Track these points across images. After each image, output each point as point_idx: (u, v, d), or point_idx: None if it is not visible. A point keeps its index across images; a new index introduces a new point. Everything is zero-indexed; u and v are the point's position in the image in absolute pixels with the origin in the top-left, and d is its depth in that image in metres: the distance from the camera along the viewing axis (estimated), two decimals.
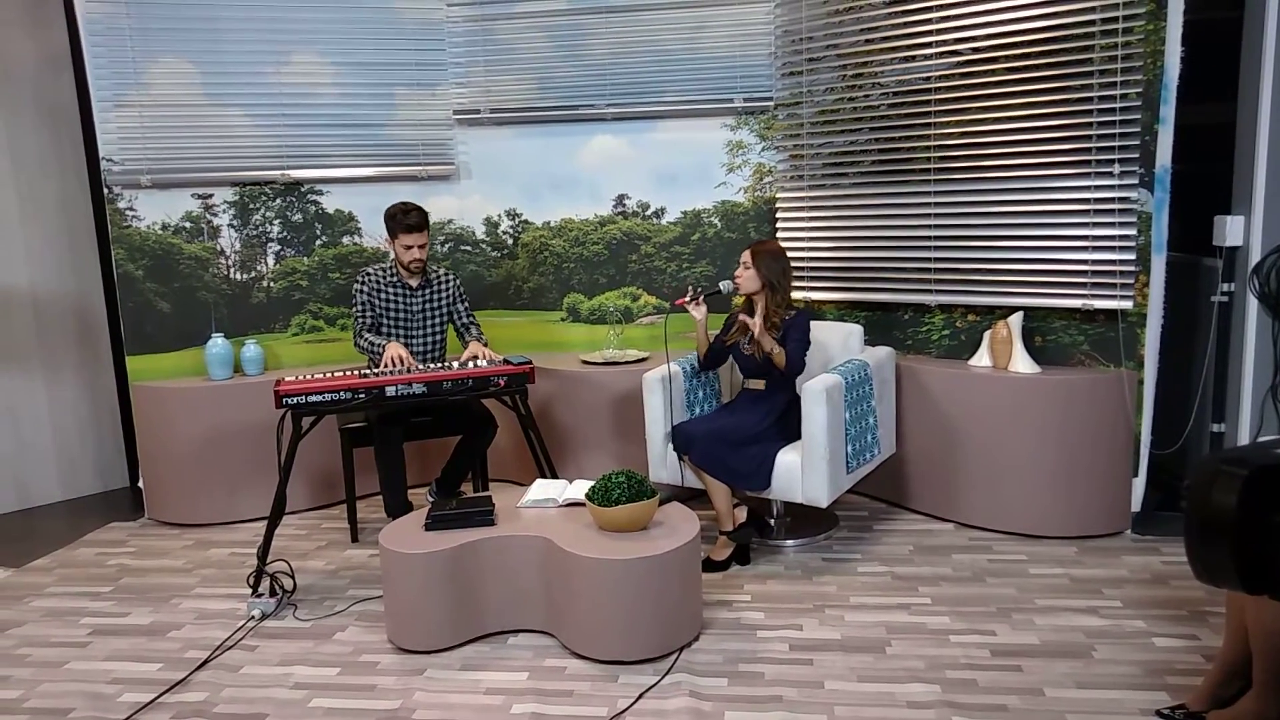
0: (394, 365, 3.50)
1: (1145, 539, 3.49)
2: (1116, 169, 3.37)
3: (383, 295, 3.79)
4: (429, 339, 3.88)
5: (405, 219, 3.70)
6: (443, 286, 3.89)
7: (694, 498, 3.64)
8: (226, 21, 4.13)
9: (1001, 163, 3.61)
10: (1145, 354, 3.48)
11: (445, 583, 2.81)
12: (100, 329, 4.63)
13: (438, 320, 3.89)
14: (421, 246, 3.73)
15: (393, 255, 3.79)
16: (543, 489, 3.20)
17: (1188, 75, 3.29)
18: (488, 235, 4.64)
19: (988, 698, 2.48)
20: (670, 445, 3.49)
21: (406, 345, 3.72)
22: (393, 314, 3.81)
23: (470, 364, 3.52)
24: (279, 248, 4.40)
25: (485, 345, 3.77)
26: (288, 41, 4.21)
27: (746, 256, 3.46)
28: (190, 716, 2.55)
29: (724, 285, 3.57)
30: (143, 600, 3.35)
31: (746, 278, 3.46)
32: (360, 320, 3.78)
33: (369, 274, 3.80)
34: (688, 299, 3.48)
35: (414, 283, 3.82)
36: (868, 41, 3.89)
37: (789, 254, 3.53)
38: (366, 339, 3.72)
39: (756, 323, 3.32)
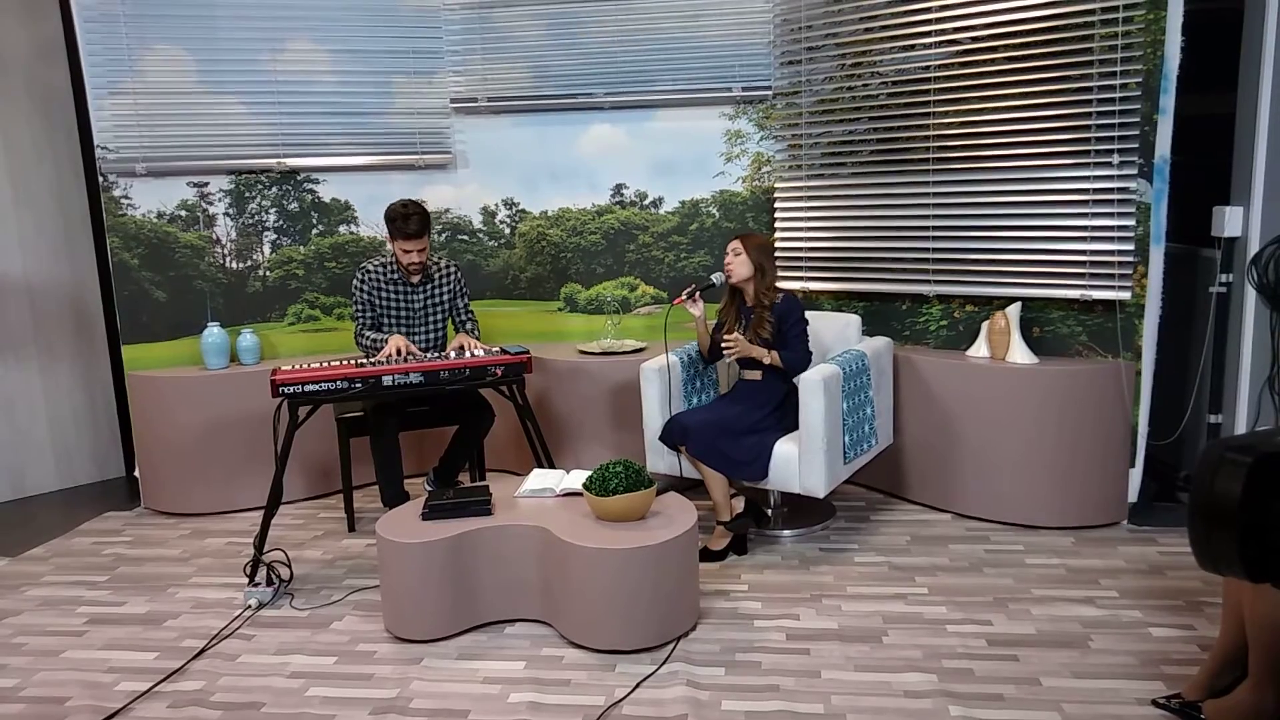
0: (397, 358, 3.47)
1: (1142, 529, 3.50)
2: (1115, 159, 3.37)
3: (383, 293, 3.74)
4: (431, 333, 3.85)
5: (405, 225, 3.58)
6: (444, 280, 3.84)
7: (691, 488, 3.63)
8: (221, 8, 4.10)
9: (1000, 153, 3.60)
10: (1143, 345, 3.48)
11: (442, 572, 2.81)
12: (95, 318, 4.62)
13: (439, 315, 3.86)
14: (420, 251, 3.65)
15: (392, 250, 3.73)
16: (540, 479, 3.20)
17: (1188, 65, 3.28)
18: (485, 225, 4.63)
19: (984, 687, 2.49)
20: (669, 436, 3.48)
21: (409, 340, 3.68)
22: (394, 311, 3.77)
23: (454, 354, 3.51)
24: (275, 236, 4.38)
25: (475, 339, 3.75)
26: (283, 29, 4.18)
27: (736, 244, 3.46)
28: (187, 705, 2.55)
29: (716, 277, 3.59)
30: (139, 589, 3.34)
31: (738, 263, 3.45)
32: (361, 319, 3.75)
33: (368, 271, 3.74)
34: (684, 297, 3.49)
35: (415, 279, 3.78)
36: (867, 31, 3.88)
37: (787, 244, 3.52)
38: (369, 337, 3.69)
39: (739, 344, 3.34)
